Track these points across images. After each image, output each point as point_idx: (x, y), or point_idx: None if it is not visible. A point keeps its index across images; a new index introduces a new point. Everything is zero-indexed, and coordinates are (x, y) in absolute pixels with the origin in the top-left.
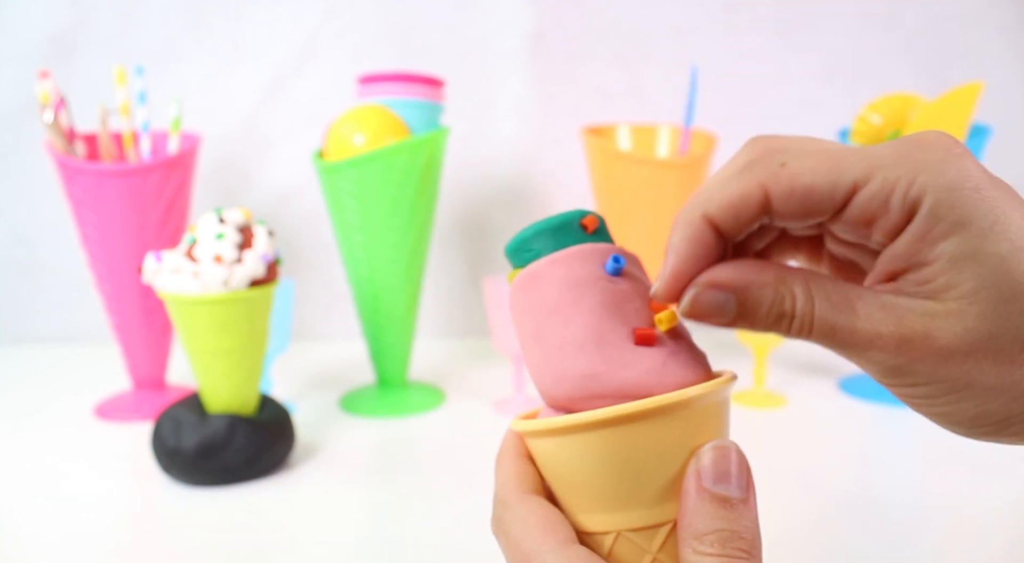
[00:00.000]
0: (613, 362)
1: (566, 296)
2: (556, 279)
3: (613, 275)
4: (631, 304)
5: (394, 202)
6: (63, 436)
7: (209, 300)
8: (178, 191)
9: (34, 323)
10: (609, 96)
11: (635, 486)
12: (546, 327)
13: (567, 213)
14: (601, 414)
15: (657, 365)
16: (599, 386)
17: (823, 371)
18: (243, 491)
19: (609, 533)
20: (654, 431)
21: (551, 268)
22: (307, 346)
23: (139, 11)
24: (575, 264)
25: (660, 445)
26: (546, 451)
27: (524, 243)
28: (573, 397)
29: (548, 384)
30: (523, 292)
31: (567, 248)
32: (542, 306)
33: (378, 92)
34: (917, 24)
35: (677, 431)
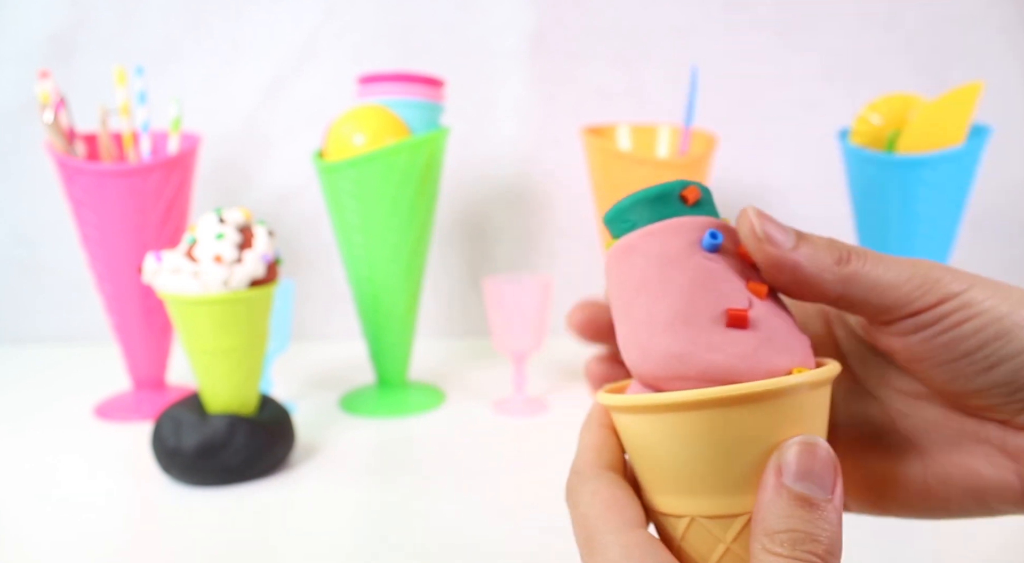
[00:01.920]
0: (700, 344)
1: (657, 271)
2: (649, 253)
3: (709, 251)
4: (727, 283)
5: (394, 202)
6: (63, 436)
7: (209, 300)
8: (178, 191)
9: (34, 323)
10: (609, 96)
11: (716, 472)
12: (635, 302)
13: (668, 183)
14: (684, 396)
15: (749, 350)
16: (684, 367)
17: None
18: (243, 491)
19: (684, 517)
20: (740, 418)
21: (644, 241)
22: (307, 346)
23: (139, 11)
24: (669, 238)
25: (746, 433)
26: (629, 427)
27: (621, 213)
28: (658, 376)
29: (635, 360)
30: (616, 264)
31: (663, 221)
32: (633, 280)
33: (378, 92)
34: (917, 24)
35: (765, 421)
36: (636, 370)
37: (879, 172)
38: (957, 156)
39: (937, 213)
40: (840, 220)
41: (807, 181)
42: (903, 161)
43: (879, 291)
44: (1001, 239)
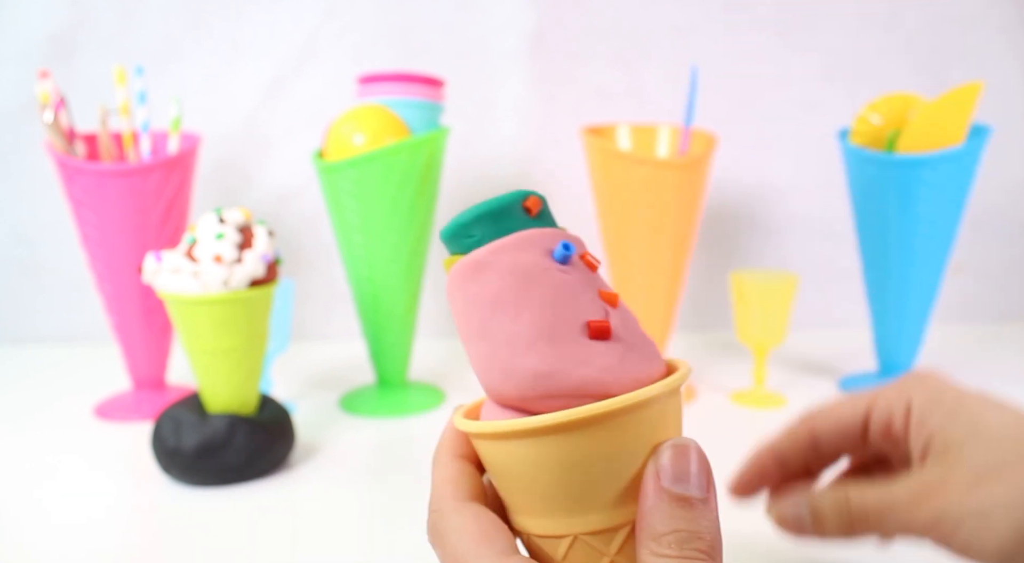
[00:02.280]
0: (568, 359)
1: (513, 287)
2: (501, 268)
3: (562, 263)
4: (583, 294)
5: (394, 202)
6: (63, 436)
7: (209, 300)
8: (178, 191)
9: (34, 323)
10: (609, 96)
11: (593, 489)
12: (492, 320)
13: (508, 195)
14: (561, 417)
15: (615, 362)
16: (554, 385)
17: (823, 371)
18: (243, 491)
19: (565, 537)
20: (614, 432)
21: (495, 256)
22: (307, 346)
23: (139, 11)
24: (521, 252)
25: (619, 446)
26: (497, 454)
27: (463, 228)
28: (526, 396)
29: (496, 381)
30: (465, 282)
31: (511, 234)
32: (487, 297)
33: (378, 92)
34: (917, 24)
35: (637, 430)
36: (498, 391)
37: (879, 172)
38: (957, 156)
39: (937, 213)
40: (840, 220)
41: (807, 181)
42: (903, 161)
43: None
44: (1001, 239)
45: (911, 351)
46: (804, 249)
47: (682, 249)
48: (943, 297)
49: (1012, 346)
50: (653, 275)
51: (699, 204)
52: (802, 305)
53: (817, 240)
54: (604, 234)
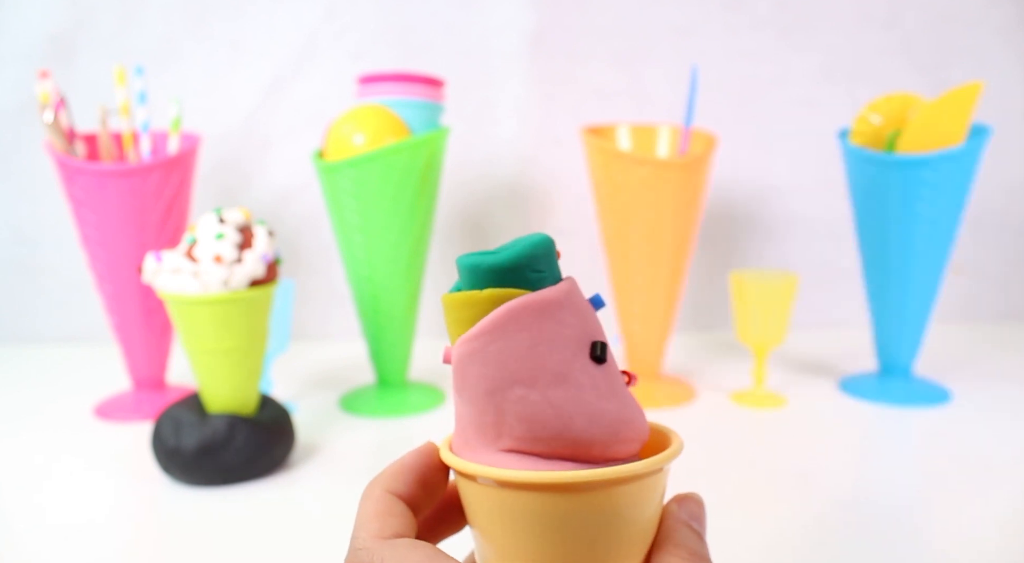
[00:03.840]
0: (634, 406)
1: (587, 330)
2: (578, 311)
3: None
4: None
5: (394, 202)
6: (63, 436)
7: (209, 300)
8: (178, 191)
9: (34, 323)
10: (609, 96)
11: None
12: (575, 364)
13: (544, 236)
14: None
15: (639, 408)
16: (627, 430)
17: (823, 371)
18: (243, 491)
19: None
20: (651, 482)
21: (573, 297)
22: (307, 346)
23: (139, 11)
24: (581, 296)
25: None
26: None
27: (532, 261)
28: (606, 441)
29: (576, 428)
30: (542, 319)
31: (568, 277)
32: (568, 339)
33: (378, 92)
34: (917, 24)
35: (664, 481)
36: (577, 437)
37: (879, 172)
38: (957, 156)
39: (937, 213)
40: (840, 220)
41: (807, 181)
42: (903, 161)
43: None
44: (1001, 239)
45: (911, 351)
46: (804, 249)
47: (682, 249)
48: (943, 297)
49: (1012, 346)
50: (653, 275)
51: (699, 204)
52: (802, 305)
53: (817, 240)
54: (604, 234)
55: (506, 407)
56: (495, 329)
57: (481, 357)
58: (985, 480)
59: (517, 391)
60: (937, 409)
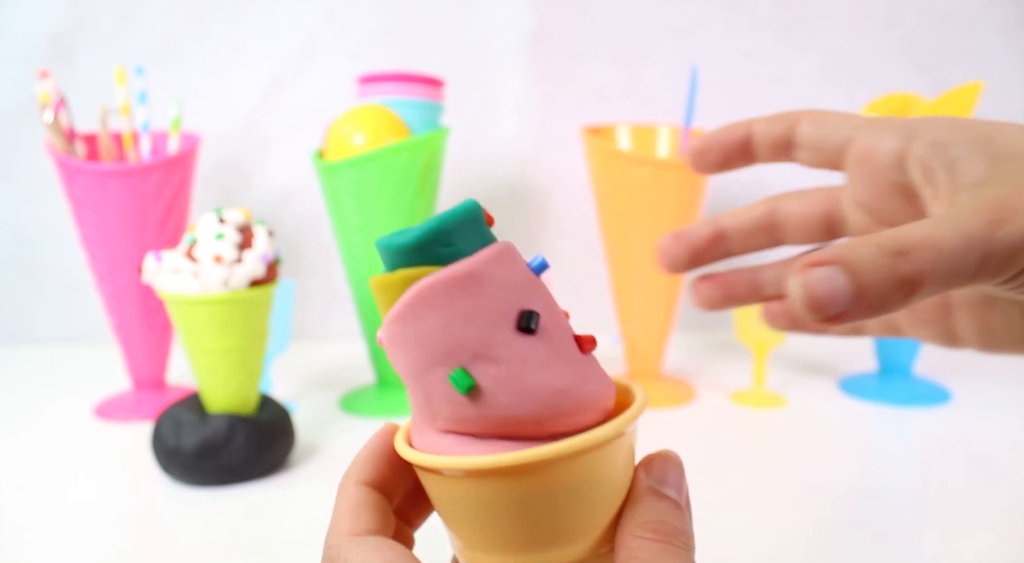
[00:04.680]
0: (579, 374)
1: (514, 300)
2: (500, 280)
3: (538, 274)
4: (558, 308)
5: (394, 202)
6: (63, 436)
7: (209, 300)
8: (178, 191)
9: (34, 323)
10: (609, 96)
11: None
12: (497, 338)
13: (468, 204)
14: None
15: (603, 375)
16: (570, 402)
17: (823, 371)
18: (243, 491)
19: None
20: (606, 456)
21: (492, 267)
22: (307, 346)
23: (139, 11)
24: (513, 263)
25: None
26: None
27: (441, 236)
28: (542, 417)
29: (503, 406)
30: (457, 296)
31: (493, 244)
32: (491, 313)
33: (378, 92)
34: (917, 24)
35: (627, 446)
36: (506, 415)
37: None
38: None
39: None
40: None
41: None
42: None
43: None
44: None
45: (911, 351)
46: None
47: None
48: None
49: None
50: (653, 275)
51: (699, 204)
52: None
53: None
54: (604, 234)
55: (431, 388)
56: (407, 312)
57: (401, 341)
58: (985, 480)
59: (437, 372)
60: (937, 409)
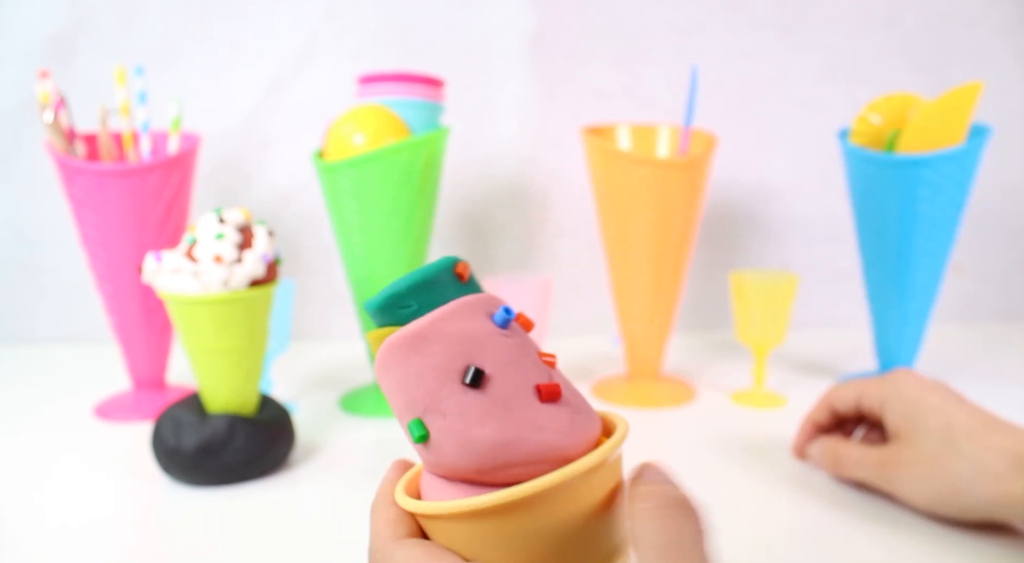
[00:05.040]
0: (525, 425)
1: (461, 355)
2: (447, 338)
3: (503, 327)
4: (526, 358)
5: (394, 202)
6: (63, 436)
7: (209, 300)
8: (178, 191)
9: (34, 323)
10: (609, 96)
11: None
12: (441, 392)
13: (437, 263)
14: (533, 486)
15: (567, 424)
16: (513, 454)
17: (823, 371)
18: (243, 491)
19: None
20: (579, 493)
21: (439, 325)
22: (307, 346)
23: (139, 11)
24: (464, 319)
25: (585, 505)
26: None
27: (397, 299)
28: (483, 468)
29: (450, 455)
30: (407, 354)
31: (450, 302)
32: (433, 369)
33: (378, 92)
34: (917, 24)
35: (596, 486)
36: (451, 466)
37: (879, 172)
38: (957, 156)
39: (937, 213)
40: (840, 220)
41: (807, 181)
42: (903, 161)
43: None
44: (1001, 239)
45: (911, 351)
46: (804, 249)
47: (682, 249)
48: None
49: (1012, 346)
50: (653, 275)
51: (699, 204)
52: (802, 305)
53: (817, 240)
54: (604, 234)
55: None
56: (378, 368)
57: (384, 390)
58: None
59: (407, 420)
60: None
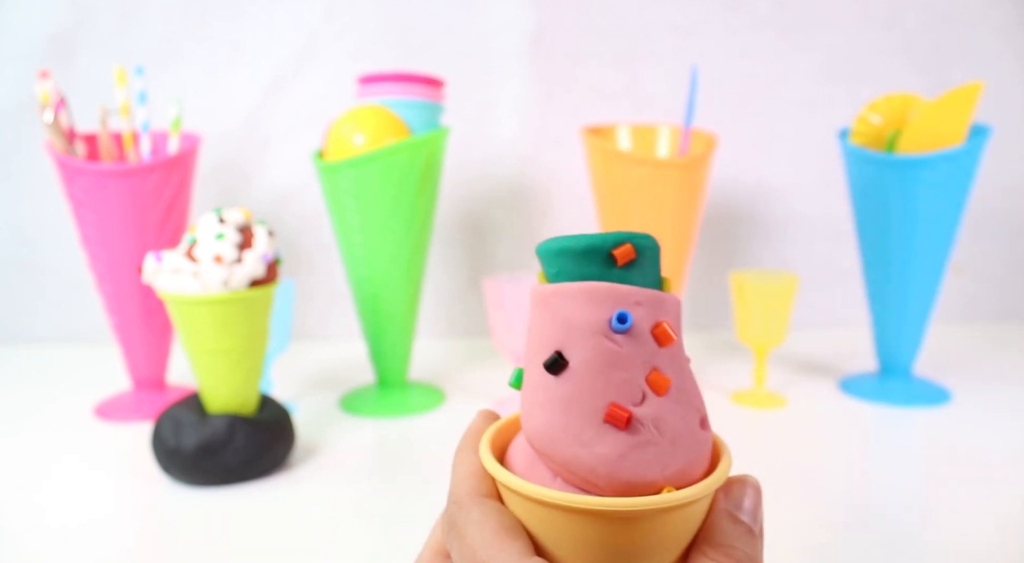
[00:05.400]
0: (571, 433)
1: (559, 338)
2: (556, 315)
3: (617, 332)
4: (624, 371)
5: (394, 202)
6: (63, 436)
7: (209, 300)
8: (178, 191)
9: (34, 323)
10: (609, 96)
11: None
12: (535, 358)
13: (601, 236)
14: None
15: (615, 455)
16: (552, 449)
17: (823, 371)
18: (243, 491)
19: None
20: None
21: (558, 300)
22: (307, 346)
23: (139, 11)
24: (579, 306)
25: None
26: (524, 510)
27: (548, 256)
28: (533, 444)
29: (523, 414)
30: (533, 307)
31: (580, 282)
32: (538, 333)
33: (378, 92)
34: (917, 24)
35: (667, 529)
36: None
37: (879, 172)
38: (957, 156)
39: (937, 213)
40: (840, 220)
41: (807, 181)
42: (903, 161)
43: None
44: (1001, 239)
45: (911, 351)
46: (804, 249)
47: (682, 249)
48: (943, 297)
49: (1012, 346)
50: None
51: (699, 204)
52: (802, 305)
53: (817, 240)
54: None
55: None
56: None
57: None
58: (985, 480)
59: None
60: (937, 409)
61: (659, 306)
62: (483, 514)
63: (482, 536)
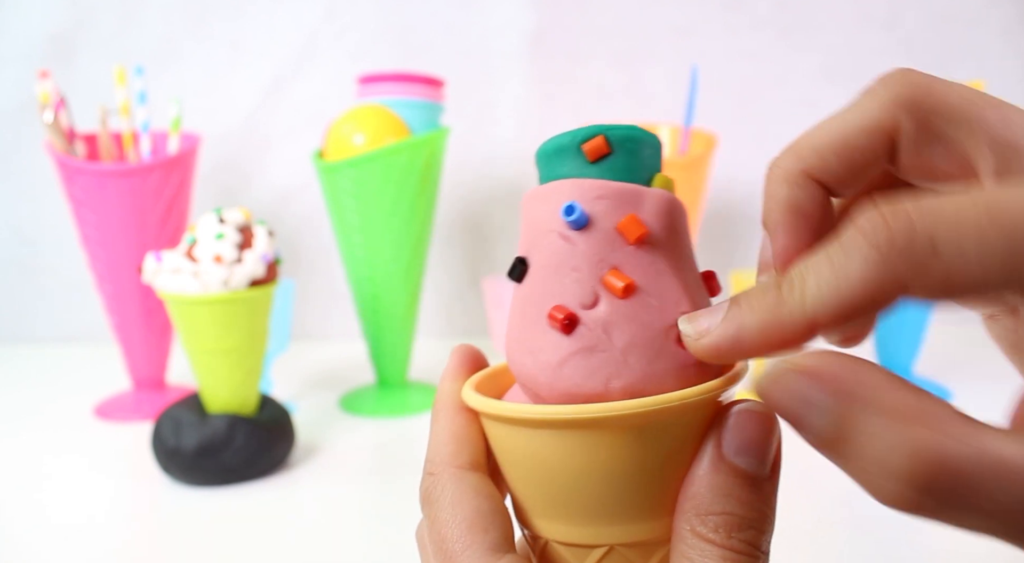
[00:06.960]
0: (523, 342)
1: (527, 244)
2: (526, 220)
3: (574, 226)
4: (577, 271)
5: (394, 202)
6: (63, 436)
7: (209, 300)
8: (178, 191)
9: (34, 323)
10: (609, 96)
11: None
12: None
13: (572, 132)
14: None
15: (555, 361)
16: (511, 364)
17: None
18: (243, 491)
19: (597, 547)
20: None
21: (528, 203)
22: (307, 346)
23: (139, 11)
24: (540, 205)
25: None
26: (520, 444)
27: (537, 161)
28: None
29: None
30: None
31: (550, 183)
32: (519, 245)
33: (378, 92)
34: (917, 24)
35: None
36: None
37: None
38: None
39: None
40: None
41: None
42: None
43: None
44: None
45: (911, 351)
46: None
47: None
48: None
49: None
50: None
51: (699, 204)
52: None
53: None
54: None
55: None
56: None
57: None
58: None
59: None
60: None
61: (631, 200)
62: (458, 493)
63: (454, 523)
